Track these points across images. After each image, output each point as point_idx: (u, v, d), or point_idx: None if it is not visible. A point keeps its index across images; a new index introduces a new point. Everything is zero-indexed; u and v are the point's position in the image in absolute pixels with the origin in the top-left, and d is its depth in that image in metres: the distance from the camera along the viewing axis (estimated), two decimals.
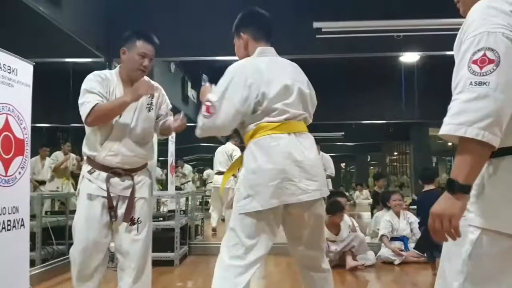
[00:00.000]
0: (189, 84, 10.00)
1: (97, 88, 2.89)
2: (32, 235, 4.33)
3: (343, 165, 27.79)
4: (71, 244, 5.68)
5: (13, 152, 3.46)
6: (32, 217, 4.64)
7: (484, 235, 1.43)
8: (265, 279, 4.85)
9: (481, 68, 1.37)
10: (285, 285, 4.64)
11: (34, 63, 3.74)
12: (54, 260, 5.07)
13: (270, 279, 4.87)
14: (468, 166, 1.38)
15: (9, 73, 3.42)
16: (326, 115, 10.59)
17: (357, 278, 4.95)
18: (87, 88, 2.89)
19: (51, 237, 5.34)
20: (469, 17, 1.47)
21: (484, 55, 1.38)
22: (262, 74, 2.45)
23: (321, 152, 9.22)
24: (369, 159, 25.83)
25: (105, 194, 2.91)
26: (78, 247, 2.98)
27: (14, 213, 3.45)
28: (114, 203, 2.93)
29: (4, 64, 3.36)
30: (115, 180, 2.95)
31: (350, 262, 5.24)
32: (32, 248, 4.52)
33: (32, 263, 4.35)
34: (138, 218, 2.95)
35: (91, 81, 2.92)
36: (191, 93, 10.11)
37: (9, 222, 3.39)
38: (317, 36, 5.80)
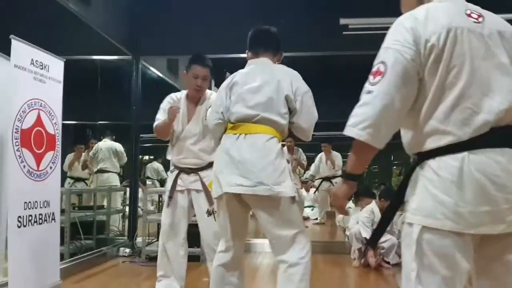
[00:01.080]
0: (213, 82, 10.01)
1: (166, 108, 3.60)
2: (61, 230, 4.40)
3: None
4: (98, 239, 5.82)
5: (45, 147, 3.52)
6: (61, 211, 4.71)
7: (422, 231, 1.56)
8: None
9: (373, 78, 1.62)
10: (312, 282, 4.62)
11: (64, 60, 3.79)
12: (82, 254, 5.13)
13: None
14: (353, 160, 1.72)
15: (41, 69, 3.48)
16: (350, 114, 10.53)
17: (383, 277, 4.92)
18: (161, 107, 3.73)
19: (79, 232, 5.41)
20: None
21: (378, 68, 1.62)
22: (234, 82, 2.80)
23: (332, 151, 9.34)
24: (392, 158, 25.53)
25: (180, 188, 3.69)
26: (162, 229, 3.79)
27: (45, 207, 3.51)
28: (185, 194, 3.71)
29: (36, 61, 3.41)
30: (184, 176, 3.71)
31: (372, 261, 5.20)
32: (61, 242, 4.58)
33: (61, 257, 4.41)
34: (213, 209, 3.27)
35: (164, 102, 3.76)
36: (214, 90, 10.14)
37: (40, 216, 3.45)
38: (344, 32, 5.76)
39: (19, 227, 3.20)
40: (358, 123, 1.61)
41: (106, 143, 7.88)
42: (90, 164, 7.82)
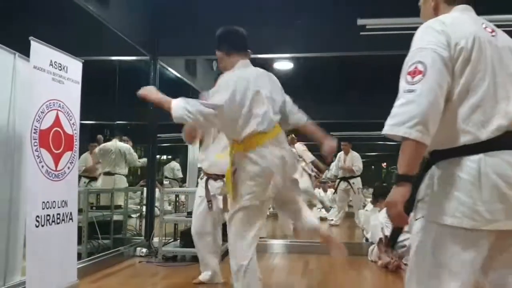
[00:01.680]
0: None
1: None
2: (79, 229, 4.43)
3: (384, 164, 27.40)
4: (115, 238, 5.85)
5: (63, 148, 3.55)
6: (79, 211, 4.74)
7: (439, 228, 1.70)
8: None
9: (412, 78, 1.67)
10: (330, 284, 4.61)
11: (83, 61, 3.82)
12: (100, 254, 5.17)
13: (313, 278, 4.86)
14: (405, 160, 1.68)
15: (60, 70, 3.51)
16: (368, 114, 10.47)
17: (401, 278, 4.87)
18: None
19: (97, 231, 5.44)
20: (414, 35, 1.78)
21: (416, 67, 1.68)
22: (257, 90, 2.97)
23: (351, 151, 9.28)
24: None
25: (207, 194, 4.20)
26: (192, 231, 4.40)
27: (63, 207, 3.55)
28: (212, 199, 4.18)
29: (55, 62, 3.45)
30: (212, 182, 4.19)
31: (385, 258, 5.17)
32: (79, 242, 4.62)
33: (79, 257, 4.45)
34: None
35: None
36: None
37: (58, 216, 3.48)
38: (361, 33, 5.72)
39: (37, 226, 3.23)
40: (405, 121, 1.64)
41: (116, 144, 7.78)
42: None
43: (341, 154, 9.44)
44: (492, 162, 1.64)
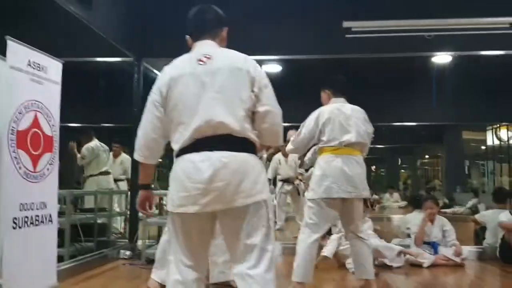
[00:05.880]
0: None
1: None
2: (61, 232, 4.38)
3: (373, 168, 27.49)
4: (99, 241, 5.80)
5: (42, 149, 3.52)
6: (62, 214, 4.70)
7: (169, 214, 2.30)
8: None
9: None
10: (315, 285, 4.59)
11: (63, 61, 3.78)
12: (82, 256, 5.12)
13: None
14: (140, 174, 2.50)
15: (39, 70, 3.48)
16: None
17: (384, 280, 4.87)
18: None
19: (80, 234, 5.40)
20: None
21: None
22: None
23: None
24: (399, 162, 25.47)
25: None
26: None
27: (42, 208, 3.50)
28: None
29: (33, 62, 3.42)
30: None
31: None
32: (61, 244, 4.57)
33: (61, 259, 4.40)
34: None
35: None
36: None
37: (37, 217, 3.45)
38: (347, 35, 5.74)
39: (14, 228, 3.19)
40: (135, 148, 2.36)
41: (100, 144, 7.51)
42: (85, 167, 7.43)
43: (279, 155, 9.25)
44: (180, 161, 2.21)
